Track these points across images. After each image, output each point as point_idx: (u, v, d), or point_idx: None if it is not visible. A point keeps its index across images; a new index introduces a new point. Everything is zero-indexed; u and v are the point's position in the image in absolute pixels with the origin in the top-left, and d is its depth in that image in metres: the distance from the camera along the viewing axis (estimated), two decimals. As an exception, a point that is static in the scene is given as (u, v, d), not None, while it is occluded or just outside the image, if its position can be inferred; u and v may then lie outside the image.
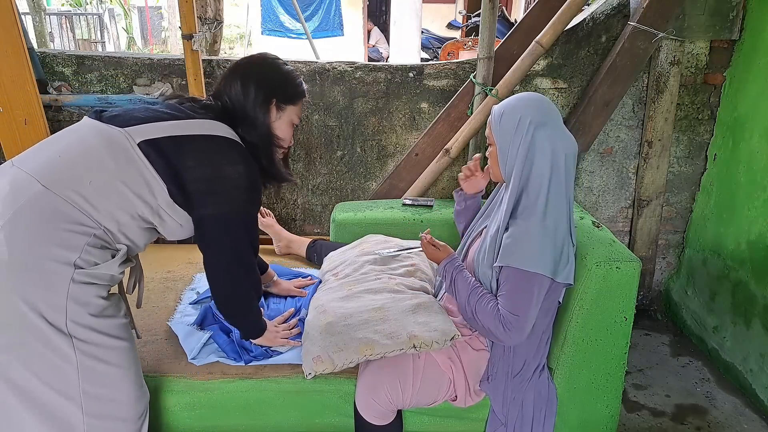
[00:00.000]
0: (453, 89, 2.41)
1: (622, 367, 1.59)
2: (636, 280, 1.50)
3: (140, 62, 2.40)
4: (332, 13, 7.77)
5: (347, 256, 1.91)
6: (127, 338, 1.29)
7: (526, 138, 1.41)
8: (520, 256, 1.37)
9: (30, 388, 1.15)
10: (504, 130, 1.45)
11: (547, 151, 1.41)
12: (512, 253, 1.38)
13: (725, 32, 2.27)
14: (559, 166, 1.41)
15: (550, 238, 1.38)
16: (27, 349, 1.14)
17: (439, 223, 2.09)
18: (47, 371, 1.16)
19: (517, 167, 1.43)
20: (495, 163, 1.52)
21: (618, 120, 2.45)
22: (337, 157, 2.52)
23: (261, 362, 1.58)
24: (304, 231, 2.63)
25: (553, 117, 1.45)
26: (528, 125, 1.41)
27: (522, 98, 1.49)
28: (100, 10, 10.87)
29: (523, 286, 1.37)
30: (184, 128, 1.29)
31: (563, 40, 2.33)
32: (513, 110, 1.45)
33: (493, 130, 1.49)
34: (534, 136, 1.41)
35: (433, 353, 1.48)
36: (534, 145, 1.41)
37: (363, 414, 1.45)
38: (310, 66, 2.41)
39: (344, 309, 1.55)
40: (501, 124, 1.46)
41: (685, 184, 2.54)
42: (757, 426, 1.98)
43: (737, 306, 2.21)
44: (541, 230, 1.38)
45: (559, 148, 1.41)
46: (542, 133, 1.41)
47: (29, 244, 1.12)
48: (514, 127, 1.43)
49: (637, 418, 2.01)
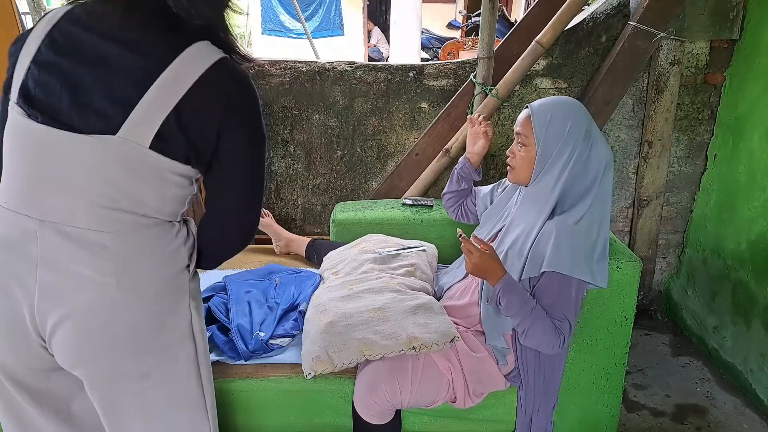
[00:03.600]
0: (453, 89, 2.41)
1: (623, 367, 1.59)
2: (636, 280, 1.50)
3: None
4: (332, 12, 7.77)
5: (347, 254, 1.91)
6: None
7: (576, 146, 1.41)
8: (569, 263, 1.36)
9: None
10: (552, 135, 1.44)
11: (594, 161, 1.43)
12: (560, 260, 1.37)
13: (725, 32, 2.27)
14: (603, 175, 1.43)
15: (590, 244, 1.40)
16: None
17: (439, 223, 2.09)
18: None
19: (560, 174, 1.43)
20: (527, 165, 1.49)
21: (618, 120, 2.45)
22: (337, 157, 2.52)
23: (261, 361, 1.58)
24: (304, 231, 2.63)
25: (595, 126, 1.47)
26: (579, 133, 1.42)
27: (565, 103, 1.48)
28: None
29: (567, 291, 1.37)
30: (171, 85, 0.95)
31: (563, 40, 2.33)
32: (563, 116, 1.44)
33: (537, 133, 1.45)
34: (585, 145, 1.42)
35: (433, 355, 1.48)
36: (587, 155, 1.42)
37: (361, 413, 1.45)
38: (310, 66, 2.41)
39: (345, 309, 1.55)
40: (549, 129, 1.44)
41: (686, 184, 2.54)
42: (758, 426, 1.98)
43: (737, 306, 2.21)
44: (584, 236, 1.39)
45: (604, 157, 1.44)
46: (590, 142, 1.43)
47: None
48: (563, 134, 1.42)
49: (638, 417, 2.01)
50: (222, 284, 1.88)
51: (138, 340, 1.03)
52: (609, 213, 1.47)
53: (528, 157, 1.48)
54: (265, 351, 1.59)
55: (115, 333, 1.01)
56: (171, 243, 1.05)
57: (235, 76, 1.03)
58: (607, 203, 1.46)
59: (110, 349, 1.02)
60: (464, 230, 1.50)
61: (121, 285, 0.98)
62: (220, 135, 1.00)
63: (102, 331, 1.00)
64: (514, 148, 1.53)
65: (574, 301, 1.38)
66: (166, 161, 0.97)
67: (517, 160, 1.51)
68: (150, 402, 1.09)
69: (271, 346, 1.60)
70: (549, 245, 1.39)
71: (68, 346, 1.00)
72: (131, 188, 0.96)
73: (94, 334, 1.00)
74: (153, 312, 1.04)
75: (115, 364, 1.03)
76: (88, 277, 0.96)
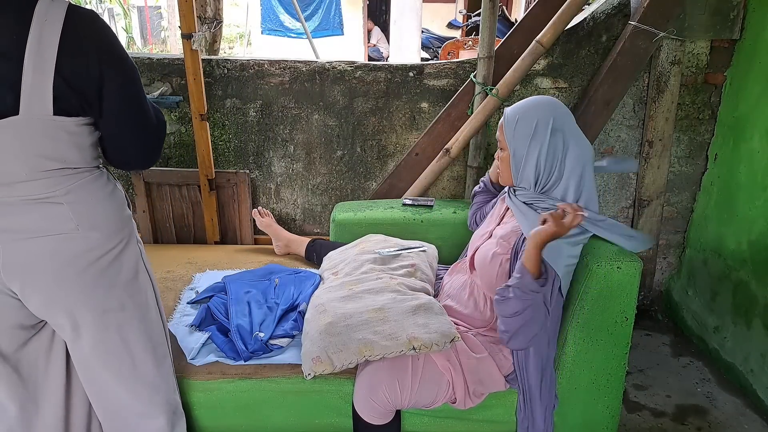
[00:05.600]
0: (453, 89, 2.40)
1: (623, 368, 1.58)
2: (637, 280, 1.49)
3: (140, 62, 2.40)
4: (332, 12, 7.77)
5: (347, 255, 1.90)
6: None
7: (543, 142, 1.41)
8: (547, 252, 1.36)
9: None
10: (519, 135, 1.44)
11: (572, 155, 1.43)
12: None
13: (726, 32, 2.27)
14: (577, 172, 1.44)
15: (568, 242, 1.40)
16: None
17: (439, 223, 2.09)
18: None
19: (534, 172, 1.44)
20: (507, 168, 1.51)
21: (618, 120, 2.45)
22: (337, 157, 2.52)
23: (260, 361, 1.57)
24: (304, 231, 2.63)
25: (568, 121, 1.46)
26: (546, 129, 1.42)
27: (536, 102, 1.48)
28: (100, 9, 10.87)
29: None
30: (40, 50, 1.02)
31: (564, 40, 2.33)
32: (530, 115, 1.44)
33: (507, 134, 1.47)
34: (555, 139, 1.42)
35: (433, 355, 1.47)
36: (562, 149, 1.42)
37: (361, 414, 1.45)
38: (310, 65, 2.40)
39: (345, 309, 1.54)
40: (516, 130, 1.45)
41: (686, 184, 2.53)
42: (758, 426, 1.98)
43: (738, 306, 2.20)
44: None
45: (576, 154, 1.43)
46: (560, 137, 1.42)
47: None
48: (530, 133, 1.43)
49: (638, 418, 2.01)
50: (222, 284, 1.88)
51: (108, 273, 1.21)
52: (596, 203, 1.48)
53: (506, 159, 1.51)
54: (264, 351, 1.59)
55: (84, 267, 1.17)
56: (107, 185, 1.23)
57: (87, 17, 1.11)
58: (594, 198, 1.47)
59: (83, 283, 1.18)
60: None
61: (82, 226, 1.15)
62: (102, 76, 1.11)
63: (75, 266, 1.16)
64: (497, 152, 1.57)
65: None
66: (70, 120, 1.09)
67: (500, 164, 1.55)
68: (129, 337, 1.28)
69: (270, 347, 1.60)
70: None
71: (44, 290, 1.16)
72: (54, 152, 1.10)
73: (66, 270, 1.16)
74: (114, 245, 1.22)
75: (92, 296, 1.20)
76: (49, 228, 1.13)
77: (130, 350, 1.29)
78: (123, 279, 1.25)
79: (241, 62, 2.41)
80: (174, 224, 2.54)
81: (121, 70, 1.15)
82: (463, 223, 2.04)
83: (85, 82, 1.08)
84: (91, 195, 1.18)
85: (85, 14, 1.10)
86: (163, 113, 2.43)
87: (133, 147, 1.25)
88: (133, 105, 1.20)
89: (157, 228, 2.54)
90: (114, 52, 1.13)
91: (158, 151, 1.32)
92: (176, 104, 2.41)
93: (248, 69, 2.40)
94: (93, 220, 1.18)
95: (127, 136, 1.22)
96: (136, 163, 1.32)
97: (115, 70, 1.13)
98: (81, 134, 1.13)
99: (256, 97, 2.44)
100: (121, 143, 1.23)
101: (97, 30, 1.11)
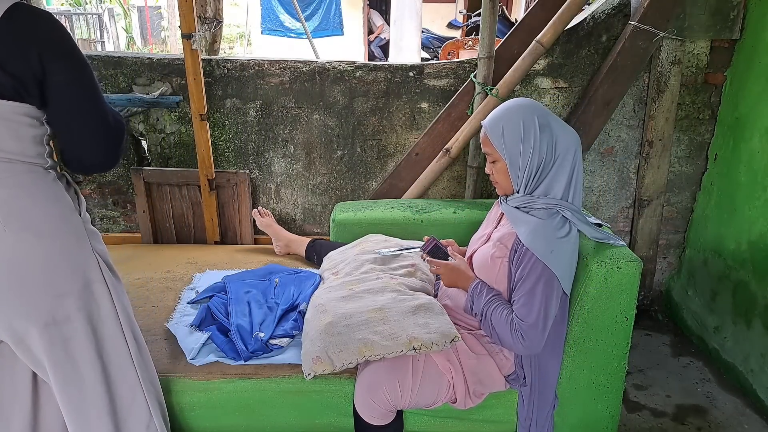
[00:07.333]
0: (453, 89, 2.40)
1: (623, 367, 1.58)
2: (637, 280, 1.49)
3: (140, 62, 2.40)
4: (332, 12, 7.78)
5: (347, 255, 1.90)
6: None
7: (536, 138, 1.42)
8: (541, 248, 1.38)
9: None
10: (510, 141, 1.44)
11: (562, 143, 1.44)
12: (535, 242, 1.39)
13: (726, 32, 2.27)
14: (573, 162, 1.45)
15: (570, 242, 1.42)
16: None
17: (439, 223, 2.09)
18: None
19: (534, 172, 1.44)
20: (505, 177, 1.50)
21: (618, 120, 2.45)
22: (337, 157, 2.52)
23: (260, 361, 1.57)
24: (304, 231, 2.63)
25: (549, 114, 1.47)
26: (533, 125, 1.42)
27: (512, 105, 1.49)
28: (100, 9, 10.89)
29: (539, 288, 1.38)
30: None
31: (564, 40, 2.33)
32: (514, 119, 1.44)
33: (496, 145, 1.46)
34: (545, 134, 1.42)
35: (433, 355, 1.47)
36: (546, 143, 1.42)
37: (362, 414, 1.45)
38: (310, 65, 2.40)
39: (345, 309, 1.54)
40: (505, 137, 1.44)
41: (686, 184, 2.53)
42: (758, 426, 1.98)
43: (738, 306, 2.20)
44: (556, 230, 1.41)
45: (566, 142, 1.44)
46: (548, 131, 1.43)
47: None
48: (520, 134, 1.43)
49: (638, 418, 2.01)
50: (222, 284, 1.88)
51: (50, 280, 1.15)
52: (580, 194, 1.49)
53: (502, 170, 1.50)
54: (264, 351, 1.59)
55: (20, 272, 1.12)
56: (50, 186, 1.18)
57: (32, 12, 1.12)
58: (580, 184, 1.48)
59: (22, 288, 1.12)
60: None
61: (9, 225, 1.10)
62: (44, 69, 1.10)
63: (7, 271, 1.10)
64: (488, 166, 1.55)
65: (545, 297, 1.38)
66: (4, 104, 1.07)
67: (495, 176, 1.53)
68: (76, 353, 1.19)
69: (270, 347, 1.60)
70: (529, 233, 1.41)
71: None
72: None
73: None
74: (55, 250, 1.16)
75: (32, 306, 1.14)
76: None
77: (77, 368, 1.21)
78: (70, 288, 1.18)
79: (241, 62, 2.41)
80: (174, 224, 2.54)
81: (69, 65, 1.15)
82: (463, 223, 2.04)
83: (20, 68, 1.08)
84: (26, 193, 1.13)
85: (32, 9, 1.12)
86: (163, 113, 2.44)
87: (84, 145, 1.22)
88: (84, 102, 1.18)
89: (157, 228, 2.54)
90: (60, 48, 1.14)
91: (115, 152, 1.27)
92: (176, 104, 2.41)
93: (248, 69, 2.40)
94: (26, 221, 1.12)
95: (77, 132, 1.20)
96: (91, 163, 1.26)
97: (60, 65, 1.13)
98: (19, 123, 1.11)
99: (256, 97, 2.44)
100: (71, 139, 1.20)
101: (42, 23, 1.12)
